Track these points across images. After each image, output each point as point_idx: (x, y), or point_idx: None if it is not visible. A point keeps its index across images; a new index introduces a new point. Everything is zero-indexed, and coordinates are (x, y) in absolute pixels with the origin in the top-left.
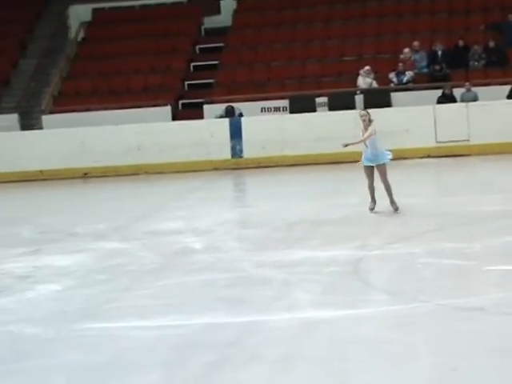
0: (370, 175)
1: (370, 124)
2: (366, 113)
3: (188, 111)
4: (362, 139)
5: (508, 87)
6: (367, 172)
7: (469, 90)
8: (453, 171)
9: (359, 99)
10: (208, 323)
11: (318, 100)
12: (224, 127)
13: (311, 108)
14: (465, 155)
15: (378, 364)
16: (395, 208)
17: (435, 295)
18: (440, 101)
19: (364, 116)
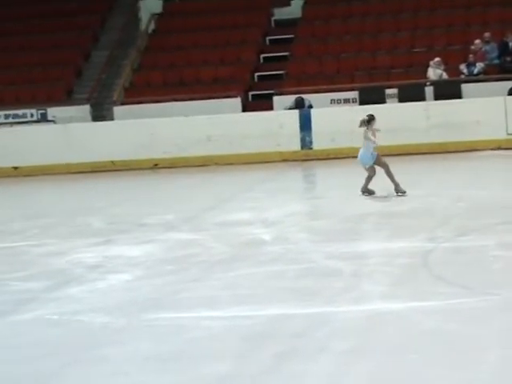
0: (373, 170)
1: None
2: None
3: (258, 102)
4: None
5: None
6: (372, 169)
7: None
8: None
9: (429, 91)
10: (277, 314)
11: (388, 91)
12: (294, 119)
13: (381, 99)
14: None
15: (447, 357)
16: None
17: (506, 288)
18: (511, 92)
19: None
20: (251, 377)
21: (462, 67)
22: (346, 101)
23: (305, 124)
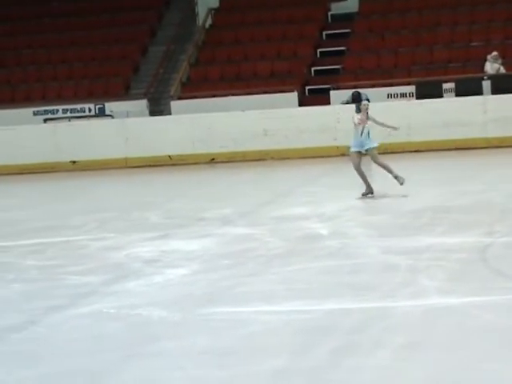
0: (357, 159)
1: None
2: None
3: (314, 97)
4: (381, 122)
5: None
6: (354, 156)
7: None
8: None
9: (486, 85)
10: (334, 309)
11: (445, 86)
12: (350, 113)
13: (438, 94)
14: None
15: (505, 353)
16: (401, 182)
17: None
18: None
19: (366, 105)
20: (308, 372)
21: None
22: (403, 95)
23: None
